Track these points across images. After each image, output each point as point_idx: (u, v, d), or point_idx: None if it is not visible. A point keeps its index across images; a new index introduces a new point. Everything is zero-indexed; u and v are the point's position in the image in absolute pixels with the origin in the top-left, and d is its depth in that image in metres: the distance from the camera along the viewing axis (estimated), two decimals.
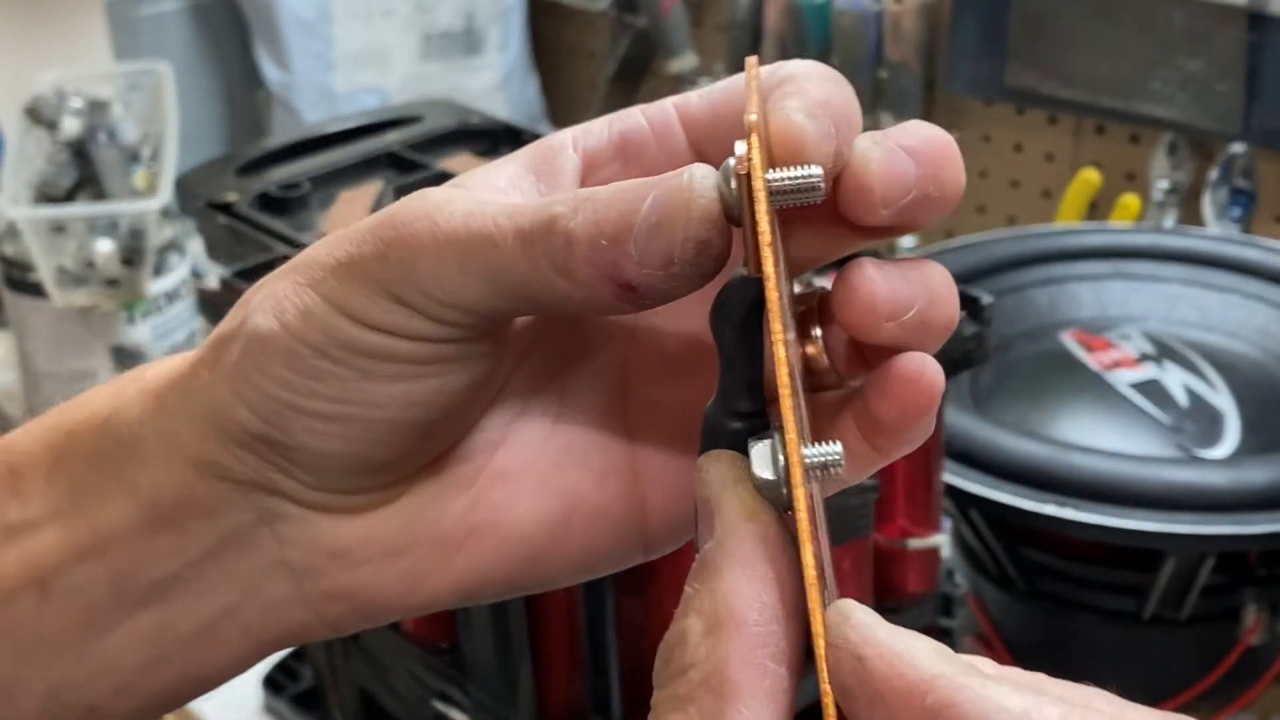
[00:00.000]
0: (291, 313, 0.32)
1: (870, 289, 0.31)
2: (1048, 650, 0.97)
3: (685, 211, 0.30)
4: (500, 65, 1.85)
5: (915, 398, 0.31)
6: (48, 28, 1.65)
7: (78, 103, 1.20)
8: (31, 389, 1.21)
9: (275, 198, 0.87)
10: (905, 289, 0.31)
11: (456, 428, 0.34)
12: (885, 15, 1.47)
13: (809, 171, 0.29)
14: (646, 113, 0.34)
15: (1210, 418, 0.95)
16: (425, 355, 0.32)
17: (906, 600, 0.77)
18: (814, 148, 0.29)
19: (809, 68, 0.32)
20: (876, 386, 0.32)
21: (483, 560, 0.35)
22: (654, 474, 0.35)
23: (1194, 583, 0.90)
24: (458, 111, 1.01)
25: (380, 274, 0.32)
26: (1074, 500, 0.85)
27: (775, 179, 0.29)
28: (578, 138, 0.34)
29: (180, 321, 1.21)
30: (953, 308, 0.32)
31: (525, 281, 0.31)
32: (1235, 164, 1.28)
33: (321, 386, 0.32)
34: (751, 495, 0.29)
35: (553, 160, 0.34)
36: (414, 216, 0.32)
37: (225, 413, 0.33)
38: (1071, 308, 1.09)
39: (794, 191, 0.29)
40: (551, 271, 0.31)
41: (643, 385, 0.35)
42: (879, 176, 0.30)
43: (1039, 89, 1.40)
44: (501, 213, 0.31)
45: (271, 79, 1.79)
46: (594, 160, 0.34)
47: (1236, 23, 1.25)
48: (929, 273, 0.32)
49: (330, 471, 0.33)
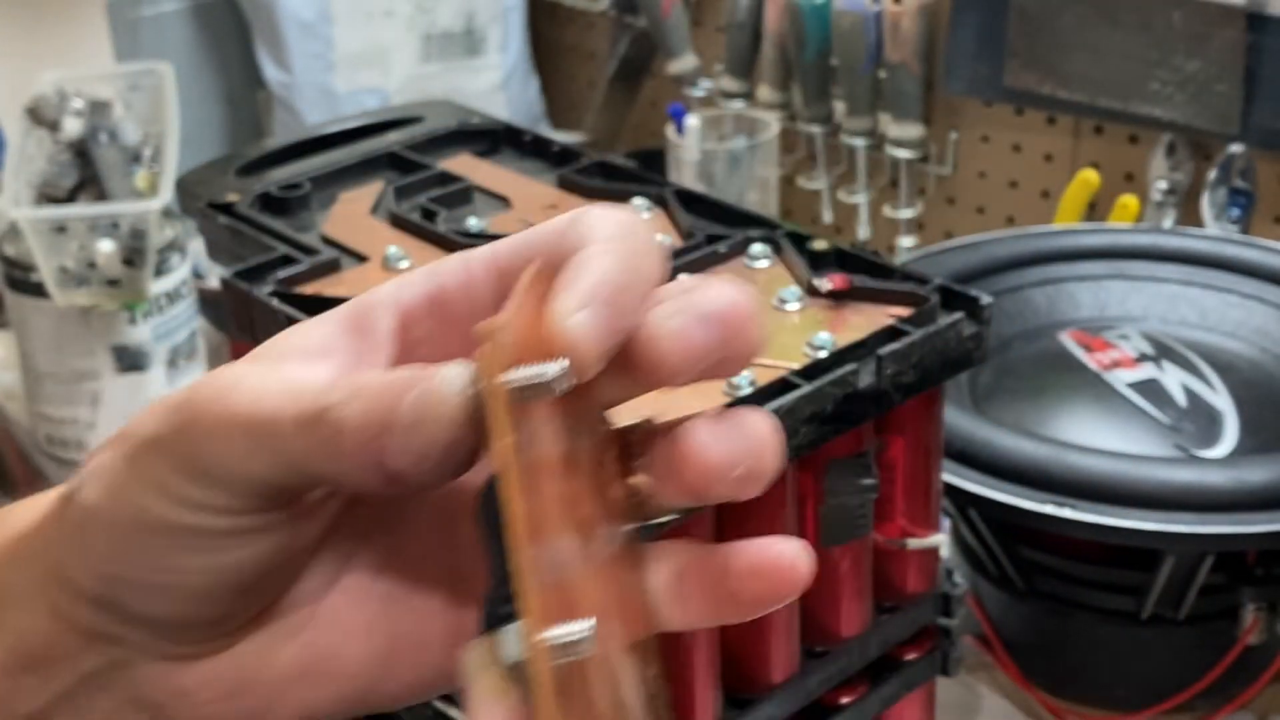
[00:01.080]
0: (110, 487, 0.35)
1: (701, 454, 0.33)
2: (1046, 649, 0.98)
3: (435, 413, 0.32)
4: (501, 66, 1.85)
5: (779, 589, 0.34)
6: (49, 29, 1.65)
7: (79, 103, 1.20)
8: (33, 389, 1.22)
9: (276, 198, 0.87)
10: (733, 447, 0.33)
11: (276, 585, 0.36)
12: (885, 16, 1.47)
13: (547, 369, 0.31)
14: (457, 264, 0.36)
15: (1209, 417, 0.95)
16: (228, 528, 0.34)
17: (906, 600, 0.78)
18: (573, 346, 0.31)
19: (602, 232, 0.33)
20: (743, 562, 0.34)
21: (317, 697, 0.37)
22: (476, 608, 0.36)
23: (1192, 582, 0.90)
24: (458, 112, 1.01)
25: (179, 452, 0.34)
26: (1073, 500, 0.85)
27: (517, 378, 0.31)
28: (395, 294, 0.36)
29: (181, 322, 1.21)
30: (778, 455, 0.34)
31: (305, 461, 0.33)
32: (1234, 164, 1.28)
33: (140, 557, 0.34)
34: (501, 677, 0.31)
35: (369, 318, 0.36)
36: (208, 396, 0.34)
37: (65, 573, 0.36)
38: (1070, 308, 1.10)
39: (536, 388, 0.31)
40: (324, 456, 0.33)
41: (465, 527, 0.36)
42: (669, 351, 0.32)
43: (1038, 90, 1.41)
44: (286, 395, 0.33)
45: (272, 79, 1.79)
46: (408, 317, 0.36)
47: (1235, 23, 1.26)
48: (756, 425, 0.33)
49: (162, 628, 0.36)
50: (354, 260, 0.80)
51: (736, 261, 0.78)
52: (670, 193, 0.84)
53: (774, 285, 0.75)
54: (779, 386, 0.65)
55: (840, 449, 0.69)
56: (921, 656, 0.79)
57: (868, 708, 0.77)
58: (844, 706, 0.75)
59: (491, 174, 0.91)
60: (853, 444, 0.70)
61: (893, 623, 0.77)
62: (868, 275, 0.75)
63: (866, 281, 0.74)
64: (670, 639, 0.65)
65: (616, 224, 0.34)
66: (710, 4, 1.73)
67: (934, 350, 0.69)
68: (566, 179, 0.88)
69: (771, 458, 0.33)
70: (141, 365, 1.19)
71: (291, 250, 0.80)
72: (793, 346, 0.69)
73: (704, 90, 1.68)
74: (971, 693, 1.03)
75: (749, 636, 0.70)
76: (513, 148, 0.96)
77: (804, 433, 0.64)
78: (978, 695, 1.03)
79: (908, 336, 0.69)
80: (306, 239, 0.82)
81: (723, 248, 0.78)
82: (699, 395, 0.65)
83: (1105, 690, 0.96)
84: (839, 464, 0.70)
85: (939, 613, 0.79)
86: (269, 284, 0.76)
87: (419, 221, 0.83)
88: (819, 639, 0.74)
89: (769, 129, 1.53)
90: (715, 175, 1.51)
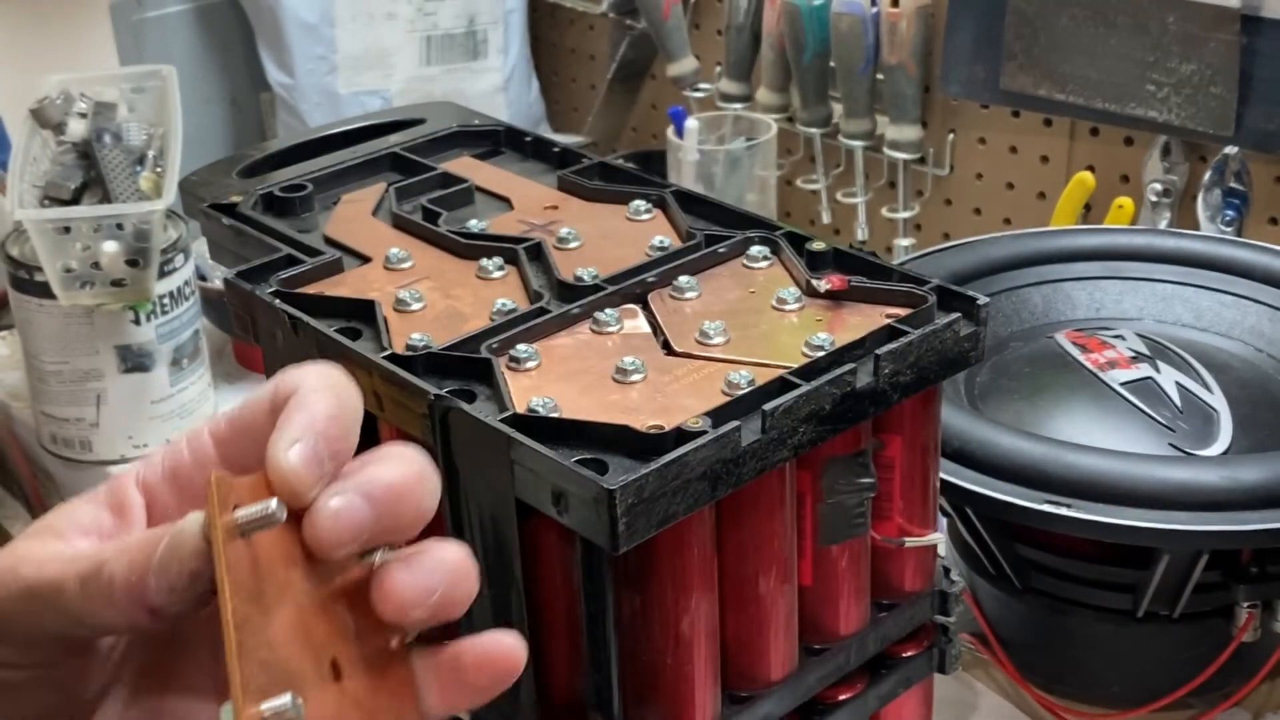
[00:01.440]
0: None
1: (397, 593, 0.40)
2: (1043, 647, 0.98)
3: (179, 554, 0.40)
4: (502, 68, 1.86)
5: (502, 677, 0.42)
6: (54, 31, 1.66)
7: (83, 105, 1.20)
8: (37, 389, 1.22)
9: (278, 199, 0.87)
10: (427, 580, 0.41)
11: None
12: (883, 18, 1.47)
13: (268, 504, 0.39)
14: (188, 440, 0.45)
15: (1204, 417, 0.96)
16: (25, 680, 0.42)
17: (903, 598, 0.78)
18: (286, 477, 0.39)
19: (305, 383, 0.42)
20: (471, 657, 0.43)
21: None
22: None
23: (1188, 580, 0.91)
24: (459, 114, 1.01)
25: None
26: (1069, 498, 0.86)
27: (240, 514, 0.39)
28: (141, 473, 0.45)
29: (185, 322, 1.22)
30: (471, 579, 0.41)
31: (86, 613, 0.41)
32: (1228, 166, 1.29)
33: None
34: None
35: (123, 495, 0.44)
36: (2, 568, 0.42)
37: None
38: (1066, 308, 1.10)
39: (257, 521, 0.39)
40: (102, 604, 0.40)
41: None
42: (327, 530, 0.40)
43: (1034, 92, 1.41)
44: (67, 562, 0.41)
45: (275, 81, 1.80)
46: (151, 493, 0.45)
47: (1230, 26, 1.26)
48: (448, 557, 0.41)
49: None
50: (356, 261, 0.80)
51: (735, 262, 0.78)
52: (670, 194, 0.85)
53: (773, 285, 0.75)
54: (778, 386, 0.66)
55: (838, 448, 0.70)
56: (919, 654, 0.79)
57: (865, 705, 0.77)
58: (842, 703, 0.76)
59: (492, 175, 0.91)
60: (851, 443, 0.70)
61: (890, 620, 0.77)
62: (865, 276, 0.75)
63: (864, 282, 0.74)
64: (670, 637, 0.66)
65: (315, 374, 0.42)
66: (709, 7, 1.73)
67: (931, 350, 0.70)
68: (567, 180, 0.89)
69: (465, 583, 0.41)
70: (145, 365, 1.20)
71: (294, 251, 0.80)
72: (791, 346, 0.70)
73: (703, 92, 1.69)
74: (969, 690, 1.03)
75: (748, 634, 0.71)
76: (514, 149, 0.97)
77: (802, 432, 0.65)
78: (975, 692, 1.03)
79: (905, 336, 0.69)
80: (309, 240, 0.83)
81: (722, 248, 0.78)
82: (698, 395, 0.66)
83: (1101, 687, 0.97)
84: (837, 463, 0.70)
85: (936, 610, 0.80)
86: (271, 285, 0.76)
87: (421, 222, 0.83)
88: (817, 636, 0.74)
89: (768, 131, 1.54)
90: (715, 177, 1.51)
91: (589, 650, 0.67)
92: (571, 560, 0.66)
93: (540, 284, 0.76)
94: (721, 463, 0.62)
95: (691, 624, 0.67)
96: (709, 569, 0.67)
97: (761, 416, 0.63)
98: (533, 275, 0.77)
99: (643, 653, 0.67)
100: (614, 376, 0.68)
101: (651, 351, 0.71)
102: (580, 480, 0.60)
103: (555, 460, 0.61)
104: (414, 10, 1.80)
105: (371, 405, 0.70)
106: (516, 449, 0.62)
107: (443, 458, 0.67)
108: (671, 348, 0.71)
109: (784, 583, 0.70)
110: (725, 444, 0.62)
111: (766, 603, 0.70)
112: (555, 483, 0.61)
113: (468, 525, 0.68)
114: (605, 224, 0.83)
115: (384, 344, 0.70)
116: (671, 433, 0.62)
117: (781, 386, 0.66)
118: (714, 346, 0.70)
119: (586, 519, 0.60)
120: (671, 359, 0.70)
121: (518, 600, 0.67)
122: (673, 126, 1.54)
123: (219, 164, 0.95)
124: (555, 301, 0.75)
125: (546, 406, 0.65)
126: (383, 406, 0.69)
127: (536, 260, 0.79)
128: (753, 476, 0.64)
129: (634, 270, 0.76)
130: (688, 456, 0.61)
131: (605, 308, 0.73)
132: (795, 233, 0.79)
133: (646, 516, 0.60)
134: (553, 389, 0.67)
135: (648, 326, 0.73)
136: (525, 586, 0.67)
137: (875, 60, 1.50)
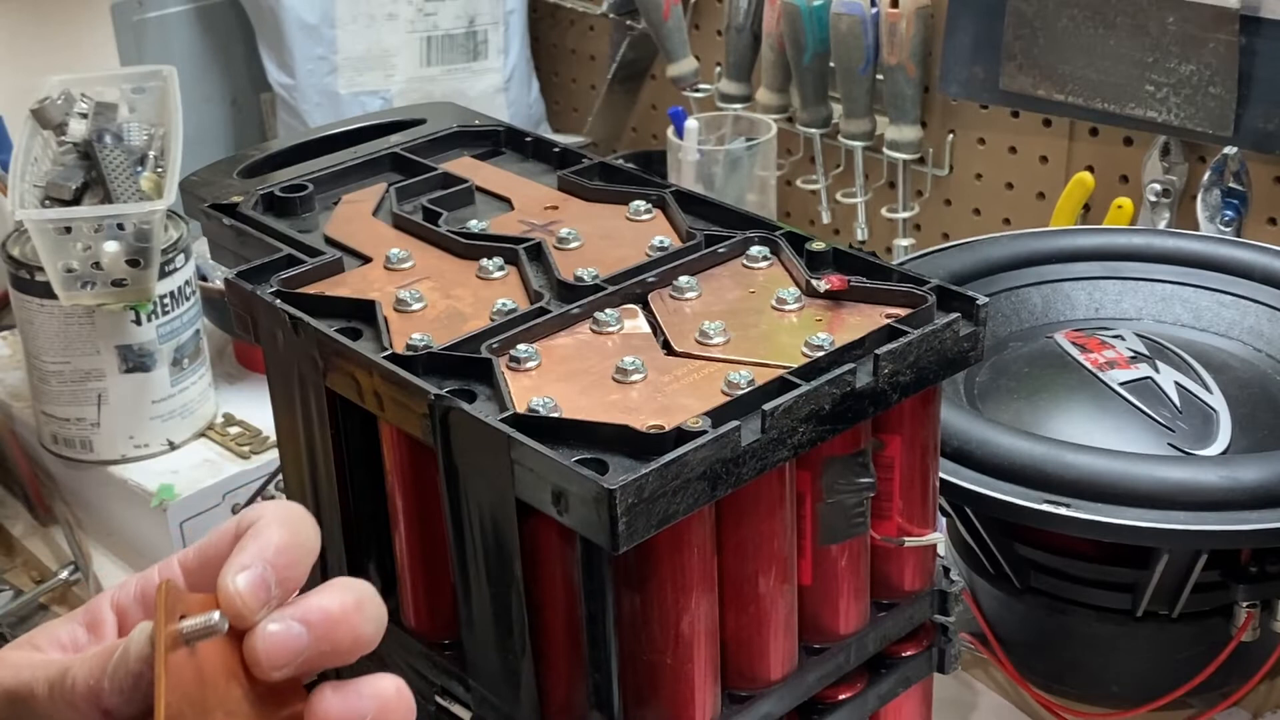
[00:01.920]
0: None
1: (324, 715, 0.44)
2: (1042, 646, 0.98)
3: (129, 659, 0.44)
4: (502, 69, 1.86)
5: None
6: (54, 32, 1.66)
7: (84, 105, 1.21)
8: (38, 389, 1.22)
9: (279, 199, 0.87)
10: (359, 705, 0.45)
11: None
12: (882, 19, 1.47)
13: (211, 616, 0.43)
14: (159, 570, 0.50)
15: (1203, 417, 0.96)
16: None
17: (903, 597, 0.78)
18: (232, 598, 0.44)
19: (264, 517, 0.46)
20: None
21: None
22: None
23: (1187, 580, 0.91)
24: (460, 114, 1.02)
25: None
26: (1068, 498, 0.86)
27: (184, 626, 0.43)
28: (115, 596, 0.50)
29: (186, 322, 1.22)
30: (404, 713, 0.45)
31: (53, 715, 0.45)
32: (1227, 167, 1.29)
33: None
34: None
35: (98, 614, 0.49)
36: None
37: None
38: (1066, 308, 1.10)
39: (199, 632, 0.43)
40: (65, 707, 0.45)
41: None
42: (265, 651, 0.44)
43: (1034, 92, 1.41)
44: (40, 669, 0.46)
45: (275, 82, 1.80)
46: (124, 613, 0.49)
47: (1229, 26, 1.26)
48: (380, 686, 0.45)
49: None
50: (357, 261, 0.81)
51: (735, 262, 0.79)
52: (670, 194, 0.85)
53: (772, 286, 0.76)
54: (777, 386, 0.66)
55: (838, 448, 0.70)
56: (918, 653, 0.80)
57: (865, 704, 0.77)
58: (841, 703, 0.76)
59: (493, 176, 0.92)
60: (850, 443, 0.70)
61: (890, 620, 0.78)
62: (865, 276, 0.75)
63: (864, 282, 0.74)
64: (670, 637, 0.66)
65: (275, 508, 0.46)
66: (709, 7, 1.74)
67: (931, 350, 0.70)
68: (567, 181, 0.89)
69: (395, 714, 0.45)
70: (146, 365, 1.20)
71: (294, 251, 0.80)
72: (791, 346, 0.70)
73: (703, 93, 1.69)
74: (968, 689, 1.03)
75: (748, 634, 0.71)
76: (514, 150, 0.97)
77: (802, 432, 0.65)
78: (974, 692, 1.03)
79: (905, 336, 0.69)
80: (309, 240, 0.83)
81: (722, 249, 0.79)
82: (698, 395, 0.66)
83: (1100, 687, 0.97)
84: (836, 462, 0.70)
85: (936, 610, 0.80)
86: (272, 285, 0.76)
87: (421, 223, 0.83)
88: (817, 636, 0.74)
89: (768, 131, 1.54)
90: (714, 177, 1.52)
91: (589, 650, 0.67)
92: (571, 560, 0.66)
93: (540, 284, 0.77)
94: (721, 462, 0.62)
95: (691, 624, 0.67)
96: (709, 569, 0.67)
97: (761, 416, 0.64)
98: (533, 275, 0.77)
99: (642, 652, 0.67)
100: (614, 376, 0.68)
101: (651, 351, 0.71)
102: (580, 480, 0.60)
103: (555, 460, 0.61)
104: (414, 11, 1.80)
105: (372, 405, 0.70)
106: (517, 449, 0.63)
107: (443, 458, 0.67)
108: (671, 348, 0.71)
109: (783, 582, 0.70)
110: (725, 444, 0.62)
111: (766, 602, 0.70)
112: (555, 482, 0.61)
113: (468, 525, 0.68)
114: (605, 224, 0.84)
115: (384, 344, 0.71)
116: (671, 433, 0.62)
117: (781, 386, 0.66)
118: (714, 346, 0.70)
119: (586, 519, 0.60)
120: (671, 359, 0.70)
121: (518, 600, 0.67)
122: (673, 127, 1.54)
123: (219, 164, 0.96)
124: (555, 301, 0.75)
125: (546, 406, 0.65)
126: (383, 406, 0.69)
127: (537, 260, 0.79)
128: (752, 476, 0.64)
129: (634, 270, 0.77)
130: (688, 456, 0.61)
131: (605, 308, 0.73)
132: (795, 233, 0.79)
133: (646, 516, 0.60)
134: (553, 389, 0.67)
135: (648, 326, 0.73)
136: (525, 586, 0.67)
137: (875, 61, 1.50)
